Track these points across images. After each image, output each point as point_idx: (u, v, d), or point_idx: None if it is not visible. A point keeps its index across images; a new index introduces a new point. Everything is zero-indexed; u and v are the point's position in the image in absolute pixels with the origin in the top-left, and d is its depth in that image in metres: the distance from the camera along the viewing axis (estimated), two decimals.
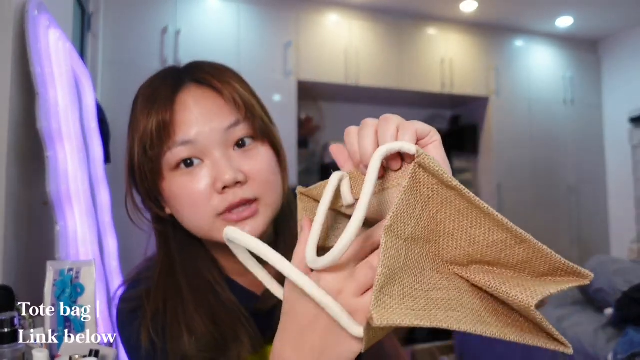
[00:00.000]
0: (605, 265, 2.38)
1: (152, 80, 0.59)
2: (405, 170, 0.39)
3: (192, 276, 0.59)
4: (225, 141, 0.54)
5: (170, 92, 0.54)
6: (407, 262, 0.37)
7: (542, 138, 4.08)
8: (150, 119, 0.52)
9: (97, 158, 1.92)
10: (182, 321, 0.56)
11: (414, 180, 0.37)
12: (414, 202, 0.37)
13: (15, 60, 1.32)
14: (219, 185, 0.52)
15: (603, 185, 4.35)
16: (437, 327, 0.37)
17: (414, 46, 3.74)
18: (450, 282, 0.40)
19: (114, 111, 2.68)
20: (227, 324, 0.57)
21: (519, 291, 0.38)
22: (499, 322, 0.40)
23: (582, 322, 2.15)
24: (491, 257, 0.40)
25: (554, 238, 4.07)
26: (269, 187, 0.55)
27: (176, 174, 0.54)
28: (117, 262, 1.94)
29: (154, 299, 0.58)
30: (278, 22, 3.33)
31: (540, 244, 0.42)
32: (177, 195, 0.54)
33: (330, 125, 3.83)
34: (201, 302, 0.57)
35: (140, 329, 0.56)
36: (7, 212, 1.24)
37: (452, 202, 0.38)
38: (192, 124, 0.52)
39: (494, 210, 0.39)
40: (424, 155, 0.36)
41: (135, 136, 0.54)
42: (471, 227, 0.39)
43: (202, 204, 0.53)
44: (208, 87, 0.56)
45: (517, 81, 4.05)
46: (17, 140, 1.32)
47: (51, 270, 0.84)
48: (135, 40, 2.93)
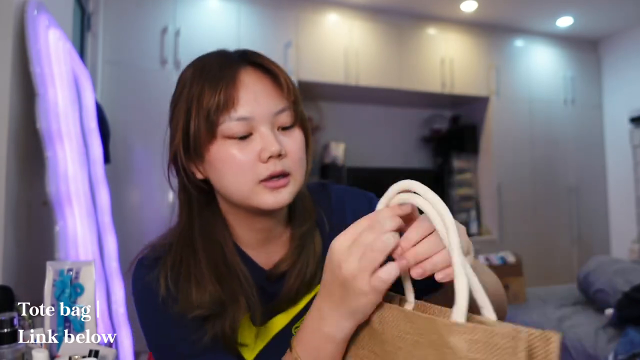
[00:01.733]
0: (605, 266, 2.38)
1: (206, 61, 0.66)
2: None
3: (207, 239, 0.66)
4: (273, 121, 0.62)
5: (233, 71, 0.62)
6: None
7: (542, 138, 4.08)
8: (217, 93, 0.60)
9: (97, 158, 1.91)
10: (193, 276, 0.63)
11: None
12: None
13: (15, 60, 1.31)
14: (265, 155, 0.60)
15: (603, 185, 4.35)
16: None
17: (414, 46, 3.74)
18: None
19: (113, 111, 2.68)
20: (230, 286, 0.64)
21: None
22: None
23: (582, 323, 2.15)
24: None
25: (554, 238, 4.06)
26: (300, 165, 0.64)
27: (227, 142, 0.61)
28: (117, 262, 1.94)
29: (174, 253, 0.66)
30: (278, 22, 3.33)
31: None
32: (225, 160, 0.61)
33: (330, 125, 3.83)
34: (211, 263, 0.64)
35: (160, 275, 0.64)
36: (6, 212, 1.24)
37: None
38: (250, 102, 0.61)
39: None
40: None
41: (195, 106, 0.62)
42: None
43: (248, 170, 0.61)
44: (265, 71, 0.64)
45: (517, 81, 4.05)
46: (16, 141, 1.32)
47: (51, 271, 0.84)
48: (135, 40, 2.93)
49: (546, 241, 4.02)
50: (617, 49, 4.32)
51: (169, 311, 0.63)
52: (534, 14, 3.93)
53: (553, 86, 4.18)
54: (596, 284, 2.33)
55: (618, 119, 4.19)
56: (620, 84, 4.25)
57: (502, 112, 3.94)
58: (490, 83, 3.92)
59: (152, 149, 2.92)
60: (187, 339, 0.62)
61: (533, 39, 4.23)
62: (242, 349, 0.66)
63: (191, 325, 0.62)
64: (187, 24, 3.04)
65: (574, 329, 2.08)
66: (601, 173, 4.35)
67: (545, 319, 2.27)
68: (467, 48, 3.91)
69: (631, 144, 4.07)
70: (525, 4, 3.75)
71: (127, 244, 2.49)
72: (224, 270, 0.64)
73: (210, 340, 0.61)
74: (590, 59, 4.41)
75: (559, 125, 4.17)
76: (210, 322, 0.62)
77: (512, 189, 3.83)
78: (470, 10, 3.79)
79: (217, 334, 0.61)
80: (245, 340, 0.66)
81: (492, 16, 3.94)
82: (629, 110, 4.06)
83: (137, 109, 2.89)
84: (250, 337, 0.67)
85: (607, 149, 4.35)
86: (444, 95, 3.86)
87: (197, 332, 0.61)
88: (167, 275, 0.64)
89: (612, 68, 4.34)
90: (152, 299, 0.63)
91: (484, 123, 3.96)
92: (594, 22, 4.10)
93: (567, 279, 3.85)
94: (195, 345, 0.62)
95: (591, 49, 4.49)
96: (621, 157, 4.18)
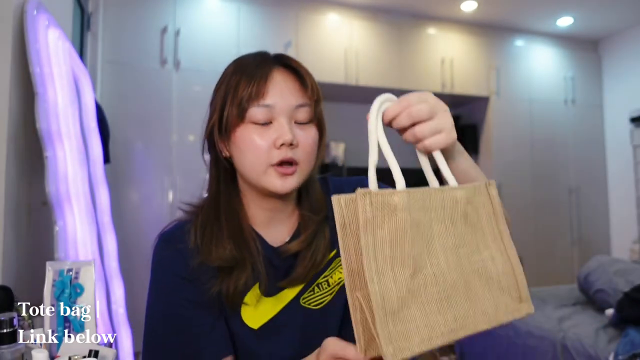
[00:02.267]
0: (605, 266, 2.38)
1: (246, 60, 0.76)
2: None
3: (229, 209, 0.77)
4: (292, 114, 0.72)
5: (268, 69, 0.72)
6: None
7: (542, 138, 4.08)
8: (251, 85, 0.70)
9: (97, 158, 1.91)
10: (215, 236, 0.74)
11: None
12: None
13: (15, 60, 1.31)
14: (279, 142, 0.69)
15: (604, 185, 4.34)
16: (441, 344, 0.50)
17: (414, 46, 3.73)
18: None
19: (113, 111, 2.68)
20: (242, 251, 0.73)
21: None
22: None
23: (582, 323, 2.15)
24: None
25: (554, 238, 4.06)
26: (308, 157, 0.73)
27: (250, 127, 0.71)
28: (117, 262, 1.94)
29: (203, 215, 0.77)
30: (278, 21, 3.33)
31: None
32: (246, 142, 0.71)
33: (329, 125, 3.80)
34: (230, 229, 0.75)
35: (191, 229, 0.75)
36: (6, 212, 1.24)
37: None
38: (275, 94, 0.71)
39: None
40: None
41: (231, 94, 0.72)
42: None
43: (263, 153, 0.70)
44: (294, 73, 0.75)
45: (517, 81, 4.04)
46: (16, 141, 1.32)
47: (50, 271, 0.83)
48: (135, 39, 2.93)
49: (546, 241, 4.02)
50: (617, 49, 4.32)
51: (190, 263, 0.72)
52: (534, 14, 3.93)
53: (553, 86, 4.18)
54: (596, 284, 2.33)
55: (618, 119, 4.19)
56: (620, 83, 4.25)
57: (502, 112, 3.94)
58: (491, 83, 3.92)
59: (151, 148, 2.92)
60: (195, 292, 0.72)
61: (533, 39, 4.23)
62: (245, 307, 0.74)
63: (204, 277, 0.72)
64: (187, 24, 3.04)
65: (574, 329, 2.08)
66: (601, 173, 4.34)
67: (545, 319, 2.27)
68: (468, 48, 3.90)
69: (631, 144, 4.06)
70: (525, 4, 3.75)
71: (126, 244, 2.49)
72: (239, 237, 0.74)
73: (216, 294, 0.71)
74: (590, 58, 4.41)
75: (560, 126, 4.17)
76: (220, 279, 0.71)
77: (513, 189, 3.82)
78: (470, 10, 3.79)
79: (222, 290, 0.71)
80: (251, 301, 0.74)
81: (493, 16, 3.94)
82: (630, 110, 4.05)
83: (136, 109, 2.89)
84: (262, 305, 0.75)
85: (607, 149, 4.35)
86: (444, 95, 3.85)
87: (207, 283, 0.71)
88: (196, 231, 0.75)
89: (613, 68, 4.34)
90: (186, 251, 0.73)
91: (484, 123, 3.96)
92: (594, 22, 4.10)
93: (568, 279, 3.85)
94: (200, 300, 0.71)
95: (591, 49, 4.49)
96: (621, 157, 4.18)
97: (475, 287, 0.53)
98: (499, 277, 0.54)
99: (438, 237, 0.52)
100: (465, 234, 0.54)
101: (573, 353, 2.00)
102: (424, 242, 0.50)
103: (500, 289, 0.54)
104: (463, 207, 0.55)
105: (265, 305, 0.74)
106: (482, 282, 0.53)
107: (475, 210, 0.56)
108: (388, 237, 0.48)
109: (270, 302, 0.75)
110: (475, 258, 0.54)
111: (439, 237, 0.52)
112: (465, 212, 0.55)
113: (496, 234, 0.56)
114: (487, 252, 0.55)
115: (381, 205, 0.48)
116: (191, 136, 2.96)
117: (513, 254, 0.56)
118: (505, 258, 0.56)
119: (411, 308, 0.48)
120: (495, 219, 0.57)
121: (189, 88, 2.99)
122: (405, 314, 0.47)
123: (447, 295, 0.50)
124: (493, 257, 0.55)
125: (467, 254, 0.53)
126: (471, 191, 0.56)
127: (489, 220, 0.57)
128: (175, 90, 2.97)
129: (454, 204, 0.54)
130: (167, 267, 0.74)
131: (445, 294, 0.50)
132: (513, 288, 0.55)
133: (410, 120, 0.55)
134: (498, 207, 0.57)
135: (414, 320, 0.48)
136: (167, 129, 2.93)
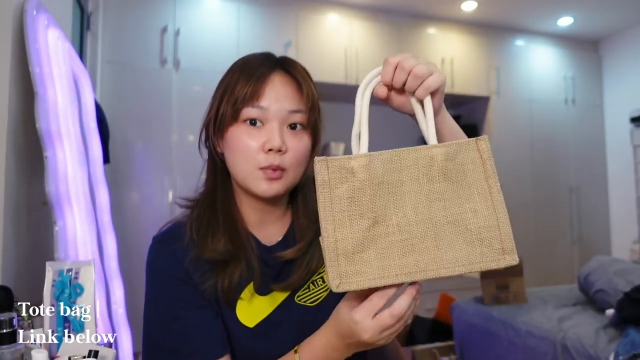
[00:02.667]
0: (606, 266, 2.37)
1: (249, 59, 0.77)
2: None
3: (225, 204, 0.78)
4: (284, 119, 0.72)
5: (267, 71, 0.73)
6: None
7: (542, 138, 4.08)
8: (248, 86, 0.71)
9: (97, 158, 1.91)
10: (211, 229, 0.75)
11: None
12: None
13: (14, 60, 1.31)
14: (267, 147, 0.70)
15: (604, 185, 4.34)
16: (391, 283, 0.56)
17: (414, 46, 3.73)
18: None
19: (113, 111, 2.68)
20: (236, 245, 0.74)
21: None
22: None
23: (583, 323, 2.14)
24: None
25: (554, 238, 4.06)
26: (296, 165, 0.74)
27: (242, 127, 0.72)
28: (116, 262, 1.94)
29: (199, 208, 0.78)
30: (278, 21, 3.33)
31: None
32: (236, 141, 0.72)
33: (329, 124, 3.80)
34: (226, 222, 0.76)
35: (187, 223, 0.76)
36: (6, 212, 1.24)
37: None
38: (270, 97, 0.72)
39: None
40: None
41: (229, 93, 0.73)
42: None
43: (251, 155, 0.71)
44: (293, 78, 0.75)
45: (517, 81, 4.04)
46: (16, 141, 1.32)
47: (50, 271, 0.83)
48: (135, 39, 2.93)
49: (547, 241, 4.02)
50: (617, 49, 4.32)
51: (185, 264, 0.73)
52: (535, 14, 3.92)
53: (553, 86, 4.18)
54: (597, 284, 2.33)
55: (619, 119, 4.19)
56: (620, 83, 4.25)
57: (502, 112, 3.94)
58: (491, 83, 3.92)
59: (151, 148, 2.92)
60: (190, 293, 0.72)
61: (533, 38, 4.23)
62: (240, 305, 0.75)
63: (199, 274, 0.73)
64: (187, 24, 3.04)
65: (575, 329, 2.08)
66: (602, 173, 4.34)
67: (545, 319, 2.26)
68: (468, 48, 3.90)
69: (632, 144, 4.06)
70: (525, 4, 3.75)
71: (126, 244, 2.49)
72: (234, 231, 0.76)
73: (213, 291, 0.72)
74: (590, 58, 4.40)
75: (560, 125, 4.17)
76: (215, 272, 0.72)
77: (513, 189, 3.82)
78: (470, 10, 3.79)
79: (218, 284, 0.72)
80: (246, 297, 0.75)
81: (493, 16, 3.93)
82: (630, 110, 4.05)
83: (136, 109, 2.89)
84: (256, 303, 0.76)
85: (607, 148, 4.35)
86: (444, 95, 3.85)
87: (203, 278, 0.72)
88: (192, 225, 0.76)
89: (613, 68, 4.34)
90: (181, 241, 0.74)
91: (485, 123, 3.96)
92: (594, 22, 4.10)
93: (568, 279, 3.85)
94: (195, 296, 0.72)
95: (592, 48, 4.49)
96: (622, 157, 4.18)
97: (448, 236, 0.57)
98: (479, 229, 0.57)
99: (409, 193, 0.58)
100: (445, 189, 0.58)
101: (573, 353, 1.99)
102: (389, 198, 0.57)
103: (479, 240, 0.57)
104: (441, 164, 0.58)
105: (260, 303, 0.75)
106: (456, 233, 0.57)
107: (461, 166, 0.58)
108: (346, 194, 0.57)
109: (264, 300, 0.75)
110: (453, 211, 0.57)
111: (410, 193, 0.58)
112: (444, 169, 0.58)
113: (484, 188, 0.58)
114: (468, 205, 0.58)
115: (337, 169, 0.57)
116: (191, 136, 2.96)
117: (501, 207, 0.58)
118: (492, 212, 0.58)
119: (368, 252, 0.56)
120: (485, 174, 0.58)
121: (188, 88, 2.99)
122: (361, 257, 0.56)
123: (412, 243, 0.56)
124: (475, 210, 0.57)
125: (443, 207, 0.57)
126: (454, 147, 0.59)
127: (476, 175, 0.59)
128: (175, 90, 2.97)
129: (429, 162, 0.58)
130: (162, 268, 0.74)
131: (410, 242, 0.56)
132: (496, 240, 0.57)
133: (406, 72, 0.60)
134: (488, 162, 0.59)
135: (369, 261, 0.56)
136: (167, 129, 2.93)
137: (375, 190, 0.57)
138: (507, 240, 0.57)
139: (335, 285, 0.55)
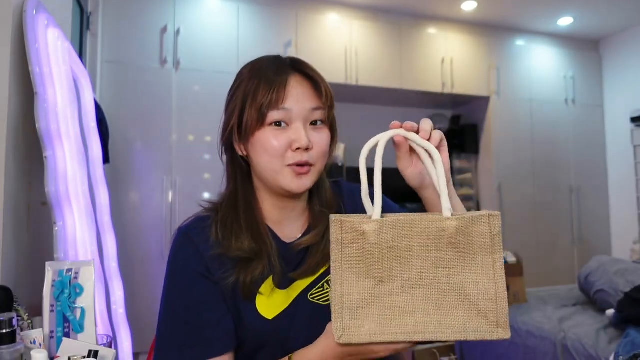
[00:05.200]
0: (606, 266, 2.37)
1: (262, 64, 0.80)
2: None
3: (246, 205, 0.82)
4: (307, 117, 0.78)
5: (286, 77, 0.78)
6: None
7: (543, 138, 4.08)
8: (271, 92, 0.75)
9: (96, 158, 1.91)
10: (234, 231, 0.79)
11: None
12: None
13: (14, 59, 1.31)
14: (295, 146, 0.75)
15: (604, 185, 4.34)
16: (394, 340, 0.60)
17: (414, 46, 3.73)
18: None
19: (113, 111, 2.68)
20: (259, 243, 0.78)
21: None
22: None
23: (583, 323, 2.14)
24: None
25: (555, 238, 4.06)
26: (322, 158, 0.79)
27: (268, 129, 0.76)
28: (116, 262, 1.93)
29: (223, 211, 0.82)
30: (278, 21, 3.33)
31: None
32: (264, 143, 0.76)
33: None
34: (248, 223, 0.80)
35: (212, 224, 0.80)
36: (5, 212, 1.24)
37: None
38: (292, 99, 0.76)
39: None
40: None
41: (250, 99, 0.76)
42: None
43: (279, 154, 0.76)
44: (309, 79, 0.80)
45: (518, 81, 4.04)
46: (15, 140, 1.32)
47: (50, 271, 0.83)
48: (134, 39, 2.93)
49: (547, 241, 4.02)
50: (618, 49, 4.32)
51: (206, 259, 0.77)
52: (535, 14, 3.92)
53: (554, 86, 4.18)
54: (597, 284, 2.33)
55: (619, 119, 4.19)
56: (621, 83, 4.25)
57: (502, 112, 3.94)
58: (491, 83, 3.91)
59: (151, 148, 2.92)
60: (208, 289, 0.76)
61: (534, 38, 4.23)
62: (260, 298, 0.78)
63: (221, 270, 0.76)
64: (187, 24, 3.04)
65: (575, 330, 2.08)
66: (602, 173, 4.34)
67: (546, 319, 2.26)
68: (468, 48, 3.90)
69: (632, 144, 4.06)
70: (525, 4, 3.75)
71: (126, 244, 2.49)
72: (256, 231, 0.80)
73: (232, 287, 0.76)
74: (591, 58, 4.40)
75: (560, 125, 4.17)
76: (238, 268, 0.76)
77: (513, 189, 3.82)
78: (470, 9, 3.79)
79: (240, 279, 0.76)
80: (265, 291, 0.78)
81: (493, 16, 3.93)
82: (630, 110, 4.05)
83: (136, 109, 2.89)
84: (275, 296, 0.79)
85: (608, 148, 4.35)
86: (444, 95, 3.85)
87: (225, 274, 0.76)
88: (217, 226, 0.80)
89: (613, 68, 4.34)
90: (206, 244, 0.78)
91: (485, 123, 3.96)
92: (594, 22, 4.10)
93: (568, 279, 3.85)
94: (214, 294, 0.76)
95: (592, 48, 4.49)
96: (622, 157, 4.18)
97: (449, 303, 0.61)
98: (478, 300, 0.60)
99: (416, 258, 0.61)
100: (451, 258, 0.62)
101: (573, 353, 1.99)
102: (397, 261, 0.61)
103: (477, 310, 0.60)
104: (451, 236, 0.61)
105: (278, 297, 0.79)
106: (457, 300, 0.61)
107: (469, 238, 0.61)
108: (356, 254, 0.61)
109: (282, 294, 0.79)
110: (456, 279, 0.61)
111: (417, 258, 0.61)
112: (453, 240, 0.61)
113: (489, 262, 0.61)
114: (472, 277, 0.61)
115: (350, 230, 0.62)
116: (191, 136, 2.96)
117: (501, 282, 0.61)
118: (492, 285, 0.61)
119: (372, 308, 0.61)
120: (492, 249, 0.61)
121: (188, 88, 2.99)
122: (364, 312, 0.61)
123: (413, 305, 0.61)
124: (477, 281, 0.61)
125: (447, 275, 0.61)
126: (467, 221, 0.61)
127: (483, 249, 0.62)
128: (175, 90, 2.97)
129: (440, 233, 0.61)
130: (184, 262, 0.78)
131: (412, 303, 0.61)
132: (492, 313, 0.60)
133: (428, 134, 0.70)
134: (497, 238, 0.62)
135: (372, 317, 0.61)
136: (166, 129, 2.93)
137: (384, 253, 0.61)
138: (502, 315, 0.60)
139: (338, 337, 0.61)
